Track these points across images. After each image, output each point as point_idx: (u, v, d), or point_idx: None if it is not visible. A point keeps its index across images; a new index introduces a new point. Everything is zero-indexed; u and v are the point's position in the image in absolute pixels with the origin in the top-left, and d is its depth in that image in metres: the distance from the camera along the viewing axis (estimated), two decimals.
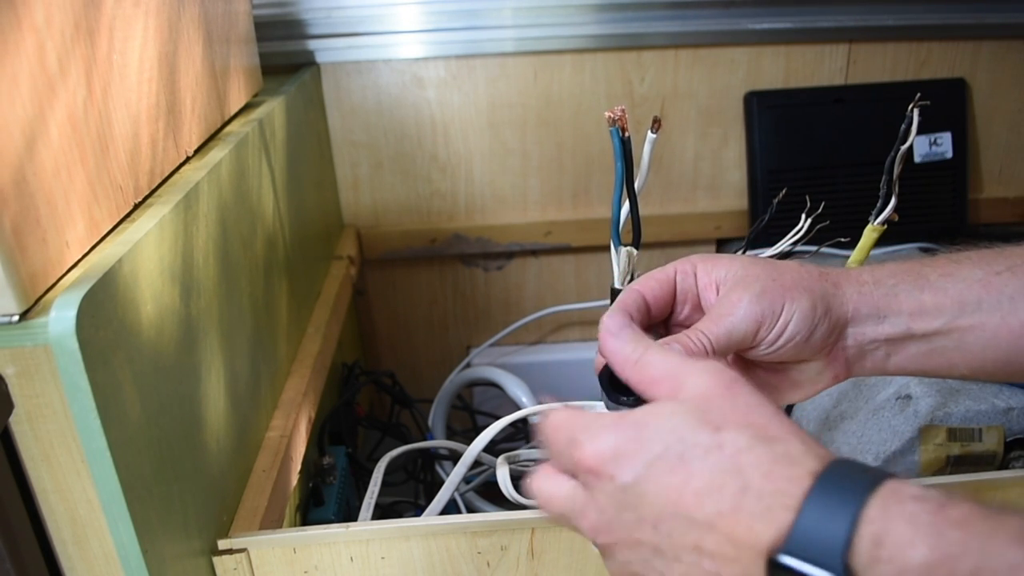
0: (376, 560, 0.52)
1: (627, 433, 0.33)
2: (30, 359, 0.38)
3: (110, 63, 0.47)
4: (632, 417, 0.34)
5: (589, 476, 0.34)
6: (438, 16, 0.97)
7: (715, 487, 0.31)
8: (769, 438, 0.31)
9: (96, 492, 0.40)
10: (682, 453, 0.32)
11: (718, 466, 0.31)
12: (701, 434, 0.32)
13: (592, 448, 0.34)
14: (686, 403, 0.33)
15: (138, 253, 0.42)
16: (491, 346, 1.11)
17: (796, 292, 0.41)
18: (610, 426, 0.34)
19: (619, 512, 0.33)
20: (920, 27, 1.01)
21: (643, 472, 0.32)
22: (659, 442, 0.32)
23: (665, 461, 0.32)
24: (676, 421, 0.33)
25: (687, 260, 0.45)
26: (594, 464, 0.34)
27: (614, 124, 0.49)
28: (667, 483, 0.32)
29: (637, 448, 0.33)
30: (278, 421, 0.65)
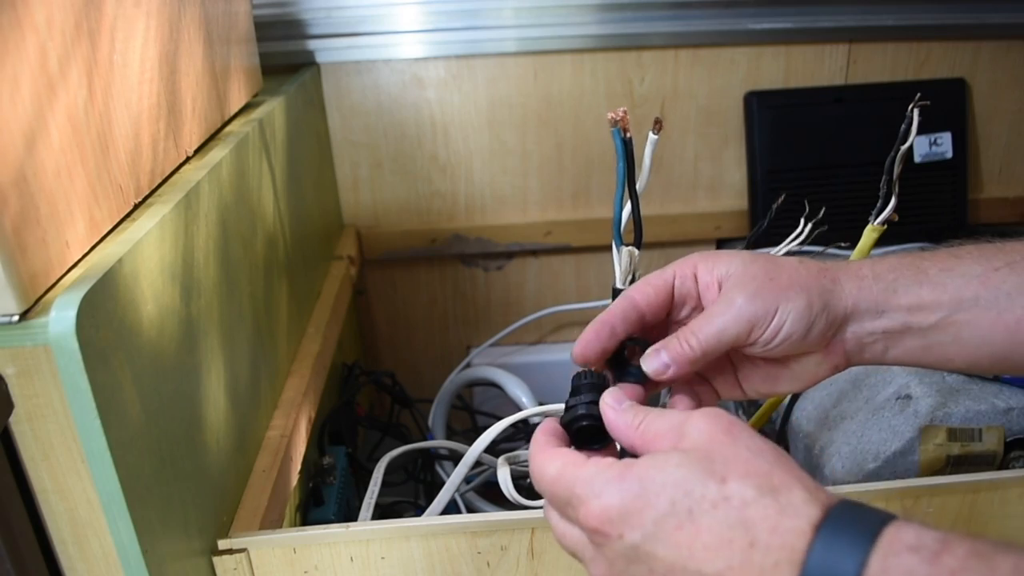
0: (376, 560, 0.52)
1: (632, 489, 0.33)
2: (30, 359, 0.38)
3: (111, 63, 0.47)
4: (636, 471, 0.34)
5: (596, 536, 0.34)
6: (438, 16, 0.97)
7: (724, 542, 0.31)
8: (773, 488, 0.32)
9: (96, 492, 0.40)
10: (690, 508, 0.32)
11: (726, 521, 0.31)
12: (708, 487, 0.32)
13: (596, 507, 0.34)
14: (689, 453, 0.33)
15: (138, 253, 0.42)
16: (491, 346, 1.11)
17: (792, 292, 0.41)
18: (613, 481, 0.34)
19: (628, 566, 0.33)
20: (920, 27, 1.01)
21: (651, 530, 0.32)
22: (666, 498, 0.32)
23: (673, 517, 0.32)
24: (681, 473, 0.33)
25: (688, 261, 0.45)
26: (599, 525, 0.34)
27: (616, 125, 0.49)
28: (676, 540, 0.32)
29: (643, 506, 0.33)
30: (278, 421, 0.65)
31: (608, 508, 0.33)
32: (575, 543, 0.36)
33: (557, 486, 0.36)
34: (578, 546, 0.36)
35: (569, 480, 0.35)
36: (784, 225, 0.66)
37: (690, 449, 0.34)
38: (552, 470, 0.36)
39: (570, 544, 0.37)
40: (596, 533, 0.34)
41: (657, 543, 0.32)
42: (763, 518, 0.31)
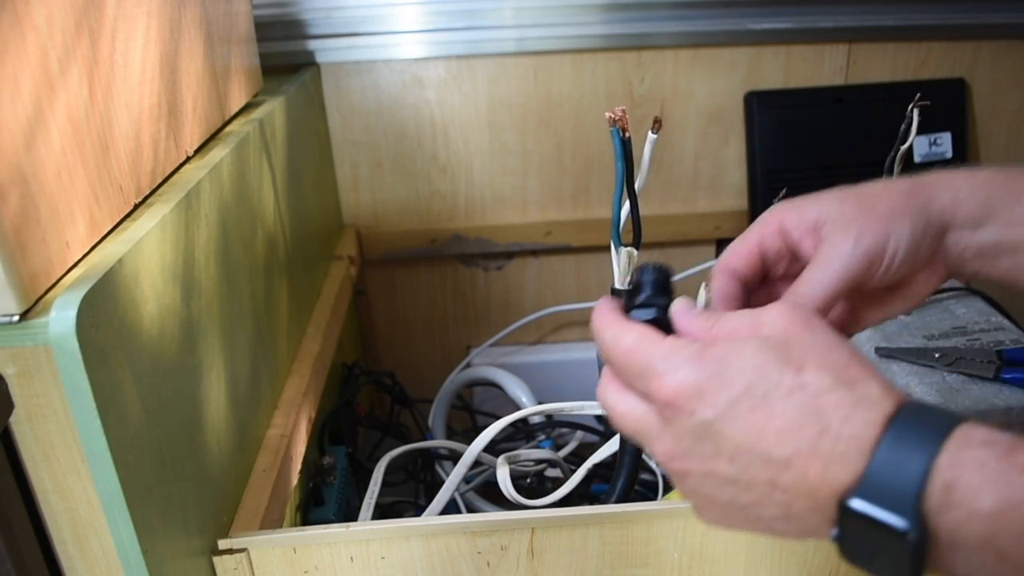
0: (376, 560, 0.52)
1: (710, 368, 0.33)
2: (30, 359, 0.38)
3: (112, 64, 0.47)
4: (715, 351, 0.33)
5: (666, 408, 0.34)
6: (438, 16, 0.97)
7: (795, 428, 0.31)
8: (849, 380, 0.32)
9: (96, 492, 0.40)
10: (766, 392, 0.32)
11: (799, 407, 0.31)
12: (785, 374, 0.32)
13: (673, 381, 0.33)
14: (767, 340, 0.33)
15: (139, 253, 0.42)
16: (491, 346, 1.11)
17: (895, 220, 0.41)
18: (692, 359, 0.34)
19: (696, 443, 0.33)
20: (920, 27, 1.01)
21: (725, 410, 0.32)
22: (742, 380, 0.32)
23: (748, 400, 0.32)
24: (759, 359, 0.32)
25: (771, 218, 0.44)
26: (674, 398, 0.33)
27: (615, 124, 0.50)
28: (748, 422, 0.32)
29: (719, 385, 0.33)
30: (278, 421, 0.65)
31: (684, 383, 0.33)
32: (639, 419, 0.36)
33: (632, 357, 0.35)
34: (642, 422, 0.36)
35: (646, 353, 0.35)
36: None
37: (768, 336, 0.33)
38: (628, 341, 0.36)
39: (632, 421, 0.36)
40: (668, 407, 0.34)
41: (728, 423, 0.32)
42: (836, 407, 0.31)
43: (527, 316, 1.11)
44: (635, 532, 0.52)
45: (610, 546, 0.52)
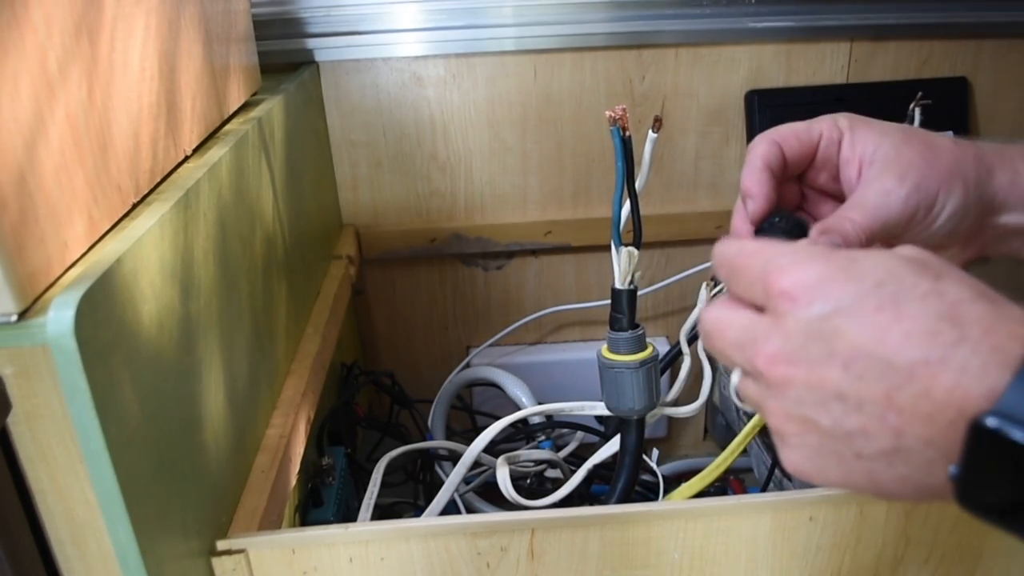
0: (375, 561, 0.52)
1: (837, 263, 0.30)
2: (28, 359, 0.38)
3: (110, 63, 0.47)
4: (847, 252, 0.31)
5: (783, 300, 0.30)
6: (437, 15, 0.97)
7: (927, 333, 0.27)
8: (991, 297, 0.28)
9: (94, 492, 0.39)
10: (896, 294, 0.28)
11: (935, 312, 0.28)
12: (921, 279, 0.29)
13: (796, 274, 0.30)
14: (903, 255, 0.30)
15: (137, 252, 0.42)
16: (491, 346, 1.11)
17: (952, 182, 0.39)
18: (818, 256, 0.31)
19: (808, 342, 0.30)
20: (922, 26, 1.01)
21: (848, 304, 0.29)
22: (872, 278, 0.29)
23: (875, 297, 0.29)
24: (893, 263, 0.29)
25: (834, 122, 0.42)
26: (792, 288, 0.30)
27: (615, 123, 0.49)
28: (872, 320, 0.28)
29: (845, 278, 0.29)
30: (277, 421, 0.65)
31: (807, 274, 0.30)
32: (745, 325, 0.32)
33: (753, 257, 0.32)
34: (748, 327, 0.32)
35: (770, 252, 0.32)
36: None
37: (905, 254, 0.30)
38: (752, 246, 0.33)
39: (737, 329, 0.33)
40: (784, 297, 0.30)
41: (849, 318, 0.29)
42: (977, 318, 0.27)
43: (527, 316, 1.10)
44: (635, 533, 0.52)
45: (610, 547, 0.52)
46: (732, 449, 0.63)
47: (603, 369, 0.57)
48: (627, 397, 0.56)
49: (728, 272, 0.34)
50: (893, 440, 0.28)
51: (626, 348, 0.56)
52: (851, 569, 0.54)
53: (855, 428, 0.29)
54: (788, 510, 0.52)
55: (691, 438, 1.22)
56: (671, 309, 1.13)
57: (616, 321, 0.56)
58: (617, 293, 0.56)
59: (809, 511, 0.52)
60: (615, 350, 0.56)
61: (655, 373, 0.57)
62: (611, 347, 0.56)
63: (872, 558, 0.54)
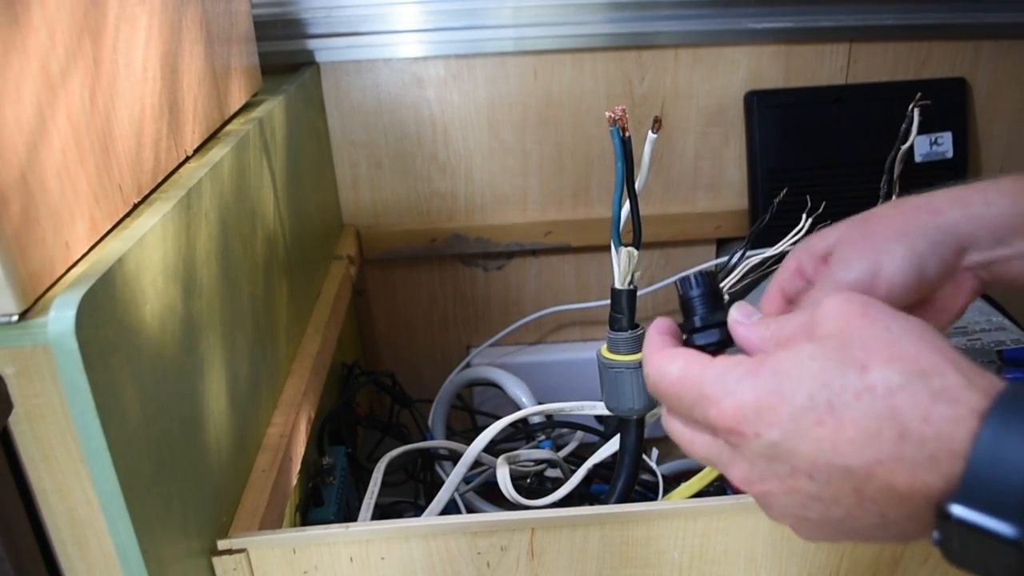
0: (376, 561, 0.52)
1: (766, 384, 0.31)
2: (29, 359, 0.38)
3: (112, 64, 0.47)
4: (769, 365, 0.31)
5: (731, 436, 0.32)
6: (438, 15, 0.97)
7: (870, 435, 0.28)
8: (922, 372, 0.28)
9: (95, 492, 0.39)
10: (830, 401, 0.29)
11: (871, 411, 0.28)
12: (847, 377, 0.29)
13: (730, 405, 0.31)
14: (824, 342, 0.31)
15: (138, 252, 0.42)
16: (491, 346, 1.11)
17: (891, 244, 0.40)
18: (745, 377, 0.31)
19: (770, 464, 0.31)
20: (921, 26, 1.01)
21: (790, 427, 0.30)
22: (803, 392, 0.30)
23: (812, 412, 0.29)
24: (817, 365, 0.30)
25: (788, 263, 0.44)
26: (734, 424, 0.31)
27: (615, 124, 0.49)
28: (817, 435, 0.29)
29: (779, 401, 0.30)
30: (278, 421, 0.65)
31: (742, 406, 0.31)
32: (707, 449, 0.34)
33: (682, 387, 0.34)
34: (711, 451, 0.34)
35: (695, 380, 0.33)
36: (784, 225, 0.66)
37: (825, 337, 0.31)
38: (675, 370, 0.34)
39: (702, 451, 0.34)
40: (731, 433, 0.32)
41: (797, 439, 0.30)
42: (912, 406, 0.28)
43: (527, 316, 1.10)
44: (635, 532, 0.52)
45: (610, 546, 0.52)
46: None
47: (603, 369, 0.57)
48: (627, 397, 0.56)
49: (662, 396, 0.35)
50: (878, 519, 0.30)
51: (626, 348, 0.55)
52: (850, 568, 0.54)
53: (842, 516, 0.31)
54: None
55: None
56: (671, 309, 1.13)
57: (616, 321, 0.56)
58: (617, 293, 0.56)
59: None
60: (615, 350, 0.56)
61: None
62: (611, 347, 0.56)
63: (871, 557, 0.54)
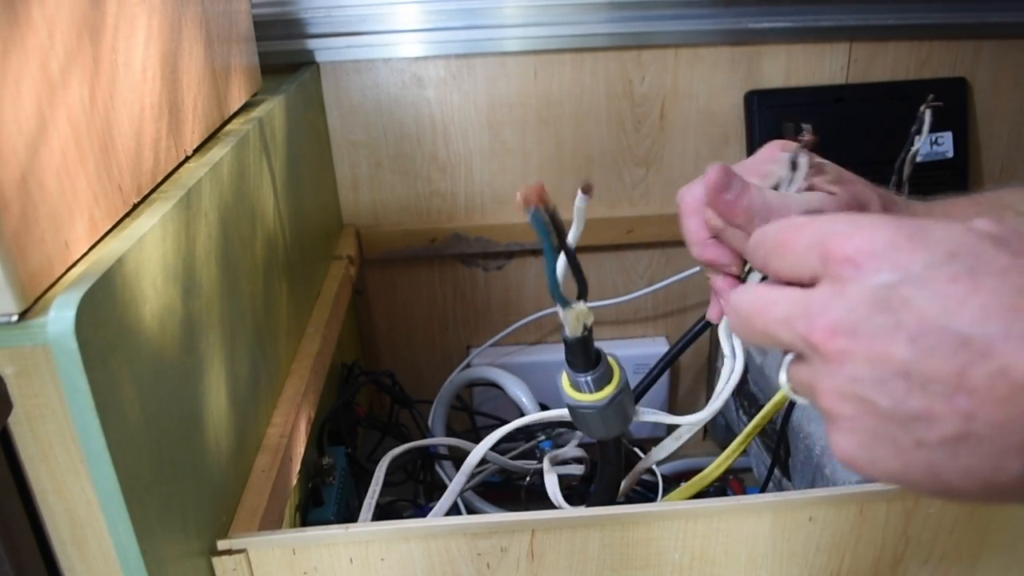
0: (376, 561, 0.52)
1: (905, 230, 0.27)
2: (29, 359, 0.38)
3: (112, 64, 0.47)
4: (916, 221, 0.28)
5: (845, 266, 0.27)
6: (438, 15, 0.97)
7: (1008, 307, 0.25)
8: None
9: (95, 492, 0.39)
10: (973, 266, 0.26)
11: (1016, 286, 0.25)
12: (999, 253, 0.26)
13: (860, 239, 0.27)
14: (980, 230, 0.27)
15: (138, 252, 0.42)
16: (491, 346, 1.11)
17: None
18: (884, 222, 0.28)
19: (872, 312, 0.26)
20: (921, 26, 1.01)
21: (919, 272, 0.26)
22: (944, 248, 0.26)
23: (949, 268, 0.26)
24: (968, 236, 0.27)
25: None
26: (856, 254, 0.27)
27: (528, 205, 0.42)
28: (945, 291, 0.25)
29: (916, 246, 0.26)
30: (278, 421, 0.65)
31: (873, 240, 0.27)
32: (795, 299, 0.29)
33: (804, 229, 0.30)
34: (798, 301, 0.29)
35: (824, 222, 0.29)
36: None
37: (982, 229, 0.27)
38: (802, 219, 0.30)
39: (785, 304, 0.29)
40: (846, 263, 0.27)
41: (920, 288, 0.26)
42: None
43: (527, 316, 1.10)
44: (635, 534, 0.52)
45: (610, 548, 0.52)
46: (732, 449, 0.63)
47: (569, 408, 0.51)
48: (599, 430, 0.51)
49: (770, 248, 0.31)
50: (961, 425, 0.25)
51: (589, 388, 0.50)
52: (851, 569, 0.54)
53: (918, 410, 0.26)
54: (788, 510, 0.52)
55: (691, 438, 1.22)
56: (671, 309, 1.13)
57: (574, 365, 0.51)
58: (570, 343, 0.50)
59: (809, 511, 0.52)
60: (578, 389, 0.50)
61: (627, 398, 0.51)
62: (574, 386, 0.51)
63: (872, 558, 0.54)
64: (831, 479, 0.69)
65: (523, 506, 0.61)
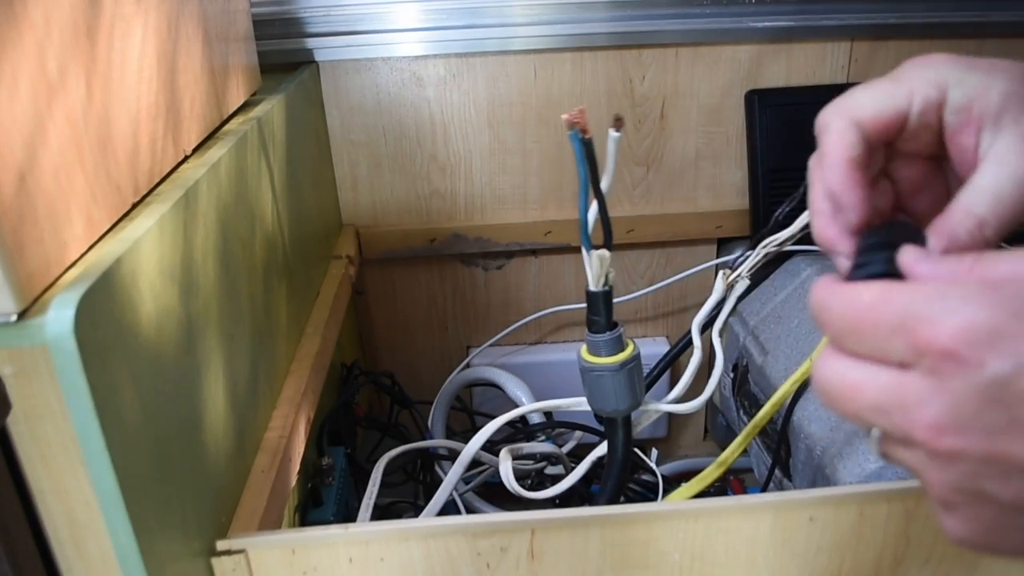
0: (375, 561, 0.51)
1: (1008, 306, 0.24)
2: (28, 359, 0.38)
3: (109, 63, 0.47)
4: (1010, 287, 0.24)
5: (943, 361, 0.24)
6: (437, 14, 0.96)
7: None
8: None
9: (94, 493, 0.39)
10: None
11: None
12: None
13: (954, 323, 0.24)
14: None
15: (137, 252, 0.42)
16: (491, 346, 1.11)
17: None
18: (978, 295, 0.24)
19: (983, 410, 0.24)
20: (922, 25, 1.01)
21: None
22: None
23: None
24: None
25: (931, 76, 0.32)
26: (954, 345, 0.24)
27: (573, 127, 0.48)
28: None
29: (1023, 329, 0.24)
30: (277, 421, 0.65)
31: (972, 325, 0.24)
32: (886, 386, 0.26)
33: (881, 310, 0.26)
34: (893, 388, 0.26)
35: (904, 299, 0.26)
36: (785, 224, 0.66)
37: None
38: (871, 294, 0.27)
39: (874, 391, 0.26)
40: (946, 357, 0.24)
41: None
42: None
43: (527, 316, 1.10)
44: (636, 533, 0.52)
45: (610, 548, 0.52)
46: (732, 449, 0.63)
47: (584, 372, 0.56)
48: (609, 399, 0.55)
49: (845, 329, 0.28)
50: None
51: (606, 350, 0.54)
52: (851, 569, 0.54)
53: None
54: (788, 510, 0.52)
55: (691, 438, 1.22)
56: (671, 309, 1.12)
57: (594, 324, 0.55)
58: (593, 296, 0.55)
59: (809, 511, 0.52)
60: (595, 352, 0.55)
61: (637, 372, 0.56)
62: (591, 349, 0.55)
63: (872, 559, 0.54)
64: (831, 479, 0.69)
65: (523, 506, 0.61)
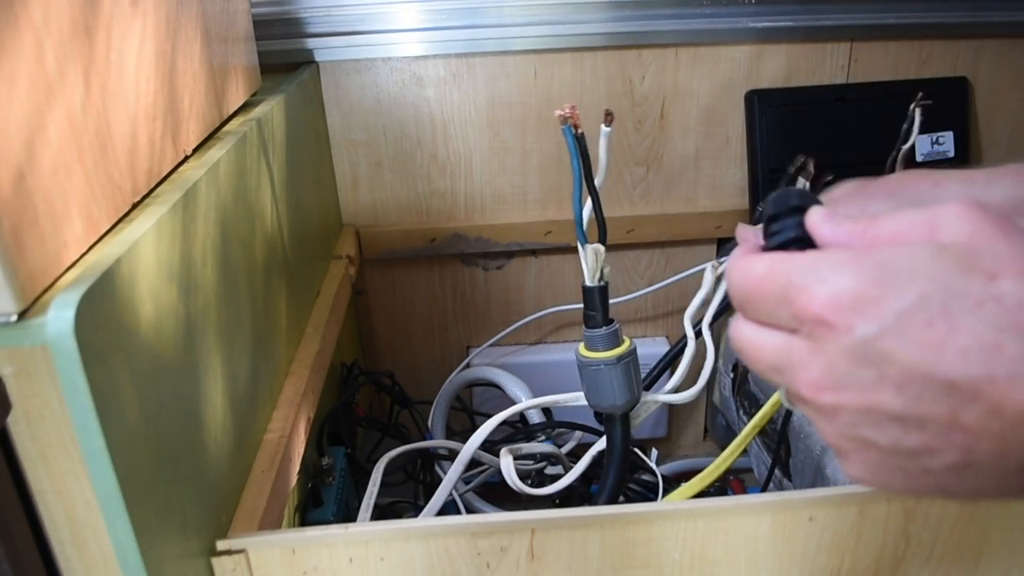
0: (375, 561, 0.51)
1: (870, 274, 0.26)
2: (28, 359, 0.38)
3: (108, 62, 0.47)
4: (875, 255, 0.27)
5: (817, 327, 0.27)
6: (438, 14, 0.96)
7: (988, 347, 0.24)
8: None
9: (94, 492, 0.39)
10: (945, 303, 0.25)
11: (994, 322, 0.24)
12: (972, 282, 0.25)
13: (823, 292, 0.27)
14: (948, 246, 0.26)
15: (137, 252, 0.42)
16: (491, 346, 1.11)
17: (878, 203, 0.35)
18: (845, 264, 0.27)
19: (854, 368, 0.27)
20: (922, 25, 1.01)
21: (893, 323, 0.26)
22: (915, 289, 0.25)
23: (923, 312, 0.25)
24: (937, 265, 0.26)
25: None
26: (824, 312, 0.27)
27: (566, 122, 0.49)
28: (923, 339, 0.25)
29: (884, 294, 0.26)
30: (277, 421, 0.65)
31: (839, 292, 0.26)
32: (777, 351, 0.29)
33: (768, 282, 0.29)
34: (781, 353, 0.29)
35: (784, 270, 0.28)
36: None
37: (949, 243, 0.26)
38: (760, 267, 0.29)
39: (770, 353, 0.30)
40: (819, 324, 0.27)
41: (896, 340, 0.26)
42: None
43: (527, 316, 1.10)
44: (635, 533, 0.52)
45: (610, 547, 0.52)
46: (732, 449, 0.63)
47: (581, 368, 0.57)
48: (607, 394, 0.56)
49: (743, 299, 0.31)
50: (962, 456, 0.26)
51: (603, 344, 0.56)
52: (851, 569, 0.54)
53: (918, 447, 0.27)
54: (788, 510, 0.52)
55: (691, 438, 1.22)
56: (671, 309, 1.12)
57: (590, 319, 0.56)
58: (588, 291, 0.56)
59: (809, 511, 0.52)
60: (592, 347, 0.56)
61: (634, 368, 0.57)
62: (588, 345, 0.57)
63: (872, 558, 0.54)
64: (831, 479, 0.69)
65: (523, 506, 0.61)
